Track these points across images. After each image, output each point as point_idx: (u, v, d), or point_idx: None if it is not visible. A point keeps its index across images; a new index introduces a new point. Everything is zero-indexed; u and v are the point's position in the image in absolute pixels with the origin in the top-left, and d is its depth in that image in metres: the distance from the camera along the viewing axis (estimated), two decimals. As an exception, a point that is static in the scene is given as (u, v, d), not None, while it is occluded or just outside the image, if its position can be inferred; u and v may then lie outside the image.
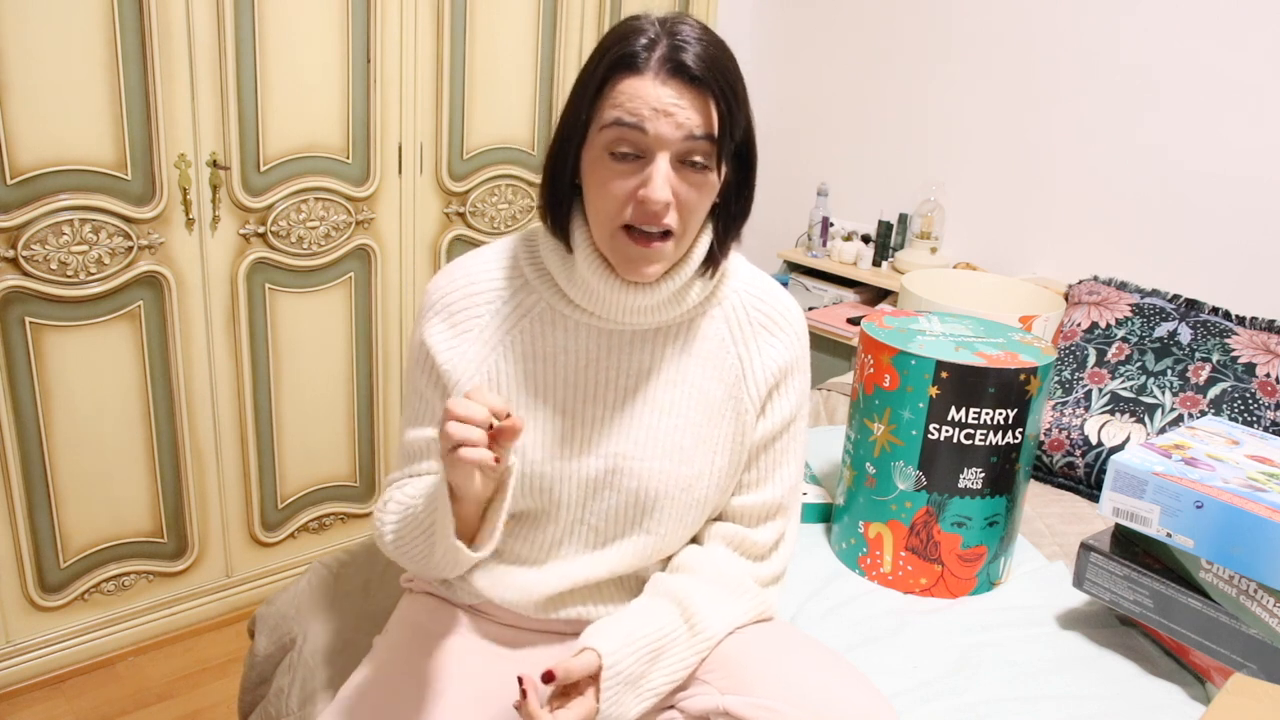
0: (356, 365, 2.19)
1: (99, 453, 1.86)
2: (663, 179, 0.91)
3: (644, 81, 0.91)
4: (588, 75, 0.95)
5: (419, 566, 1.03)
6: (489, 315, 1.05)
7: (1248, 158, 2.23)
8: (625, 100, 0.91)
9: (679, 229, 0.95)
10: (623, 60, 0.92)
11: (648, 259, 0.95)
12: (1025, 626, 1.36)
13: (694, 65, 0.91)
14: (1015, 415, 1.37)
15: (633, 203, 0.93)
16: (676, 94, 0.91)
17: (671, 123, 0.91)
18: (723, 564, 1.08)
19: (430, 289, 1.08)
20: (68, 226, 1.71)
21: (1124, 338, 1.97)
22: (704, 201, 0.96)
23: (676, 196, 0.93)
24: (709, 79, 0.92)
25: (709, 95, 0.92)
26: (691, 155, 0.93)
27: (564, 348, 1.04)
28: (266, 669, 1.37)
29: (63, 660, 1.92)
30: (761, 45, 3.14)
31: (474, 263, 1.08)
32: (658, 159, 0.92)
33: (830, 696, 0.96)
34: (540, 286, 1.04)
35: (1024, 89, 2.57)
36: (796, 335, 1.10)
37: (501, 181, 2.30)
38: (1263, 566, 1.14)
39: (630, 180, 0.93)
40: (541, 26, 2.26)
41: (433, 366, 1.05)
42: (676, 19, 0.95)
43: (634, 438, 1.04)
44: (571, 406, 1.04)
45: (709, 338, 1.07)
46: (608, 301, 1.00)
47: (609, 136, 0.92)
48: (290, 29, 1.87)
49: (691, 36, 0.93)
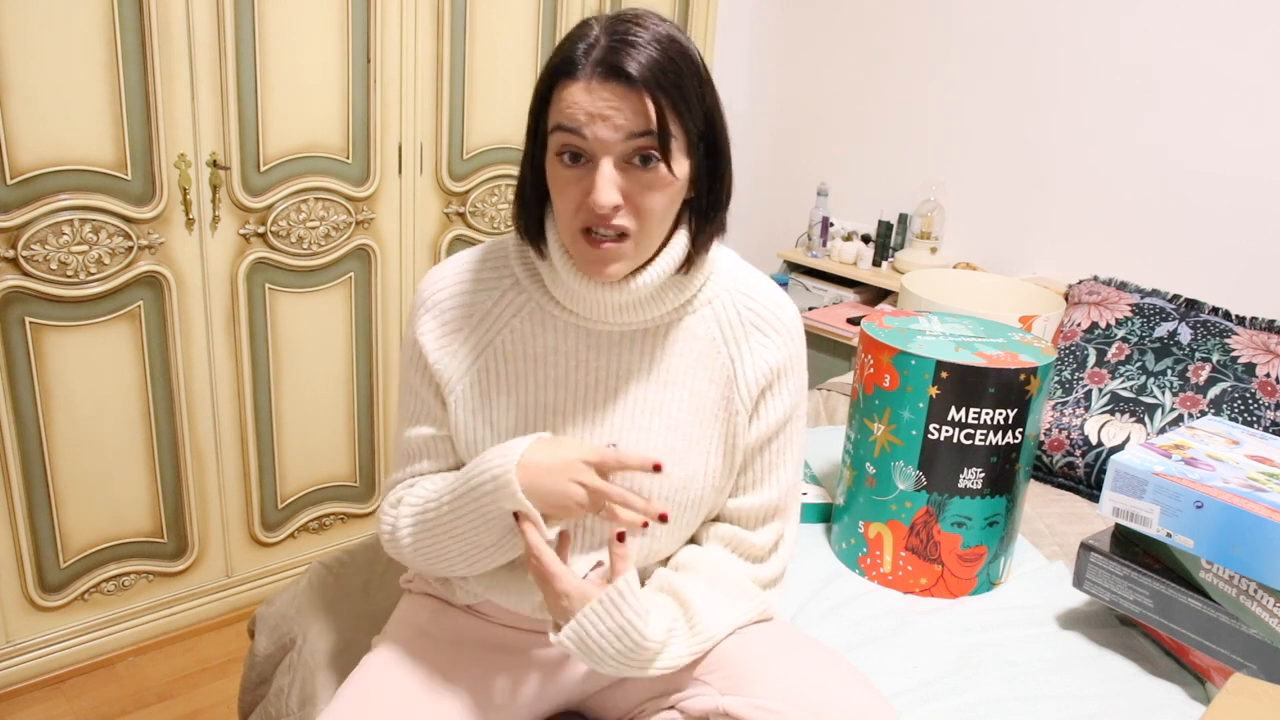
0: (356, 365, 2.19)
1: (99, 453, 1.86)
2: (606, 183, 0.91)
3: (579, 87, 0.90)
4: (540, 81, 0.95)
5: (435, 566, 1.04)
6: (479, 314, 1.05)
7: (1248, 158, 2.23)
8: (565, 107, 0.91)
9: (635, 229, 0.94)
10: (560, 67, 0.92)
11: (603, 259, 0.94)
12: (1025, 626, 1.36)
13: (628, 65, 0.89)
14: (1015, 415, 1.37)
15: (585, 206, 0.93)
16: (612, 95, 0.90)
17: (608, 126, 0.90)
18: (722, 565, 1.07)
19: (422, 287, 1.08)
20: (68, 226, 1.71)
21: (1124, 338, 1.97)
22: (662, 199, 0.94)
23: (628, 198, 0.92)
24: (645, 77, 0.89)
25: (647, 93, 0.90)
26: (639, 153, 0.91)
27: (554, 348, 1.04)
28: (266, 669, 1.37)
29: (63, 660, 1.92)
30: (761, 45, 3.14)
31: (465, 262, 1.08)
32: (601, 163, 0.91)
33: (830, 696, 0.96)
34: (530, 286, 1.04)
35: (1024, 89, 2.57)
36: (790, 335, 1.08)
37: (501, 181, 2.30)
38: (1263, 566, 1.14)
39: (580, 185, 0.93)
40: (541, 26, 2.26)
41: (425, 365, 1.05)
42: (625, 16, 0.93)
43: (625, 439, 1.04)
44: (562, 407, 1.04)
45: (700, 337, 1.06)
46: (587, 301, 1.00)
47: (556, 142, 0.93)
48: (290, 29, 1.87)
49: (634, 35, 0.91)
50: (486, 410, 1.04)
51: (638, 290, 0.99)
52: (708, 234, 1.02)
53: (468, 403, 1.04)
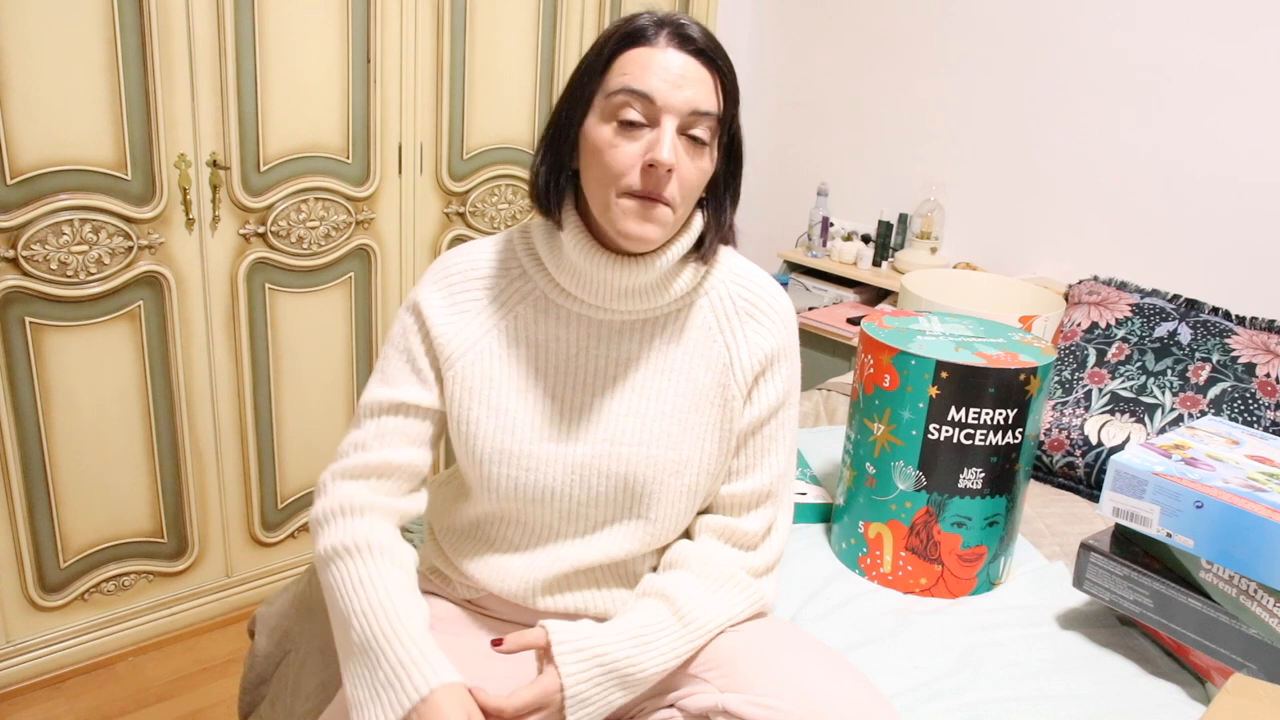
0: (356, 365, 2.19)
1: (99, 453, 1.86)
2: (670, 142, 0.94)
3: (653, 51, 0.96)
4: (594, 54, 0.99)
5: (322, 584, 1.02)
6: (487, 299, 1.07)
7: (1248, 158, 2.23)
8: (635, 69, 0.95)
9: (678, 200, 0.97)
10: (631, 35, 0.97)
11: (650, 217, 0.96)
12: (1025, 626, 1.36)
13: (700, 39, 0.96)
14: (1015, 415, 1.37)
15: (638, 168, 0.95)
16: (686, 64, 0.95)
17: (679, 93, 0.95)
18: (713, 556, 1.08)
19: (433, 267, 1.10)
20: (68, 226, 1.71)
21: (1124, 338, 1.97)
22: (699, 179, 0.99)
23: (678, 167, 0.96)
24: (714, 55, 0.97)
25: (713, 71, 0.97)
26: (692, 129, 0.96)
27: (555, 335, 1.07)
28: (266, 669, 1.37)
29: (63, 660, 1.92)
30: (761, 45, 3.14)
31: (474, 250, 1.11)
32: (665, 123, 0.95)
33: (829, 695, 0.96)
34: (535, 275, 1.07)
35: (1024, 89, 2.57)
36: (783, 322, 1.11)
37: (501, 181, 2.31)
38: (1263, 566, 1.14)
39: (636, 145, 0.96)
40: (541, 26, 2.26)
41: (427, 333, 1.06)
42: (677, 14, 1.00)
43: (622, 425, 1.06)
44: (562, 392, 1.06)
45: (696, 327, 1.08)
46: (595, 281, 1.02)
47: (617, 103, 0.96)
48: (290, 29, 1.87)
49: (692, 24, 0.98)
50: (485, 391, 1.06)
51: (651, 271, 1.01)
52: (719, 234, 1.06)
53: (466, 381, 1.06)
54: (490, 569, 1.10)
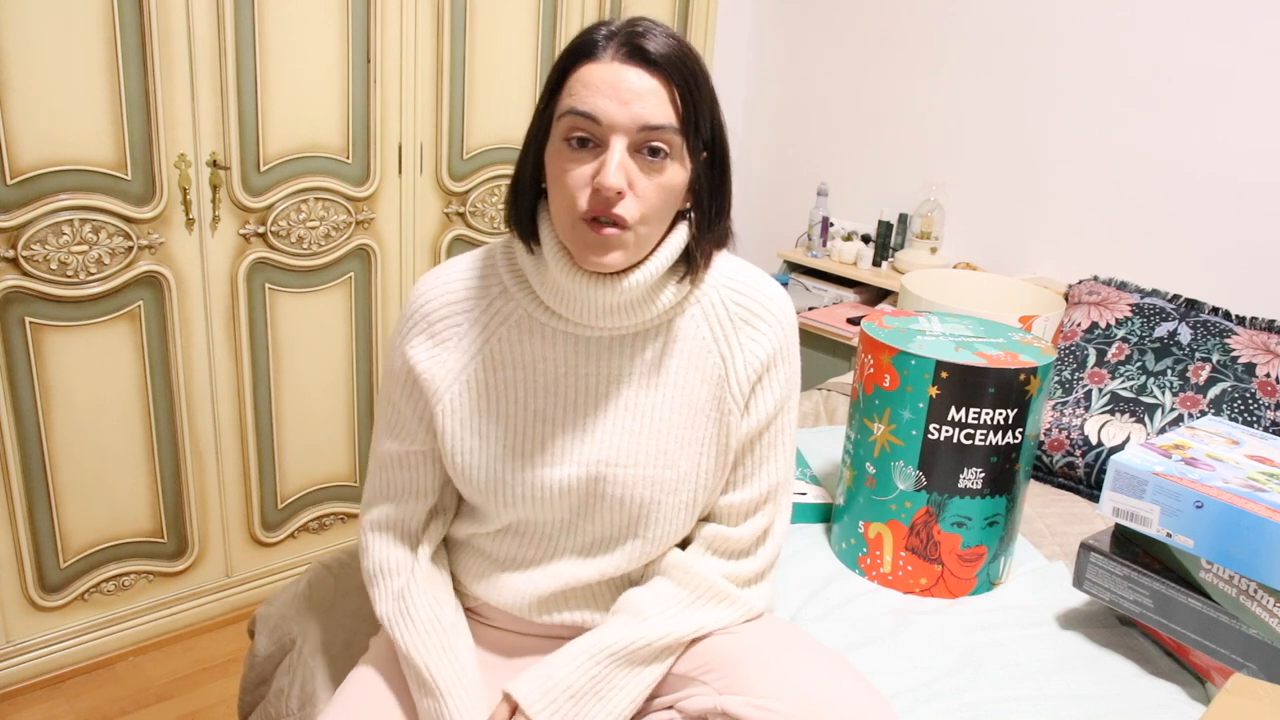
0: (356, 365, 2.19)
1: (99, 453, 1.86)
2: (616, 165, 0.90)
3: (600, 66, 0.91)
4: (552, 73, 0.96)
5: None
6: (468, 324, 1.04)
7: (1248, 158, 2.23)
8: (580, 88, 0.91)
9: (637, 219, 0.93)
10: (580, 49, 0.93)
11: (604, 245, 0.93)
12: (1025, 626, 1.36)
13: (650, 47, 0.91)
14: (1015, 415, 1.37)
15: (588, 190, 0.92)
16: (633, 79, 0.91)
17: (626, 110, 0.90)
18: (695, 565, 1.06)
19: (410, 299, 1.07)
20: (68, 226, 1.71)
21: (1124, 338, 1.97)
22: (665, 194, 0.94)
23: (633, 186, 0.92)
24: (666, 65, 0.91)
25: (667, 81, 0.92)
26: (649, 143, 0.92)
27: (542, 355, 1.03)
28: (266, 669, 1.36)
29: (63, 660, 1.92)
30: (761, 46, 3.14)
31: (452, 271, 1.07)
32: (612, 144, 0.90)
33: (829, 695, 0.96)
34: (518, 293, 1.03)
35: (1024, 89, 2.57)
36: (780, 324, 1.07)
37: (502, 181, 2.30)
38: (1263, 566, 1.14)
39: (587, 168, 0.92)
40: (541, 27, 2.26)
41: (413, 381, 1.05)
42: (641, 19, 0.95)
43: (616, 445, 1.03)
44: (552, 414, 1.03)
45: (689, 337, 1.04)
46: (577, 301, 0.99)
47: (565, 125, 0.92)
48: (290, 29, 1.87)
49: (652, 30, 0.93)
50: (475, 420, 1.03)
51: (629, 289, 0.97)
52: (709, 245, 1.02)
53: (456, 412, 1.04)
54: (488, 584, 1.09)
